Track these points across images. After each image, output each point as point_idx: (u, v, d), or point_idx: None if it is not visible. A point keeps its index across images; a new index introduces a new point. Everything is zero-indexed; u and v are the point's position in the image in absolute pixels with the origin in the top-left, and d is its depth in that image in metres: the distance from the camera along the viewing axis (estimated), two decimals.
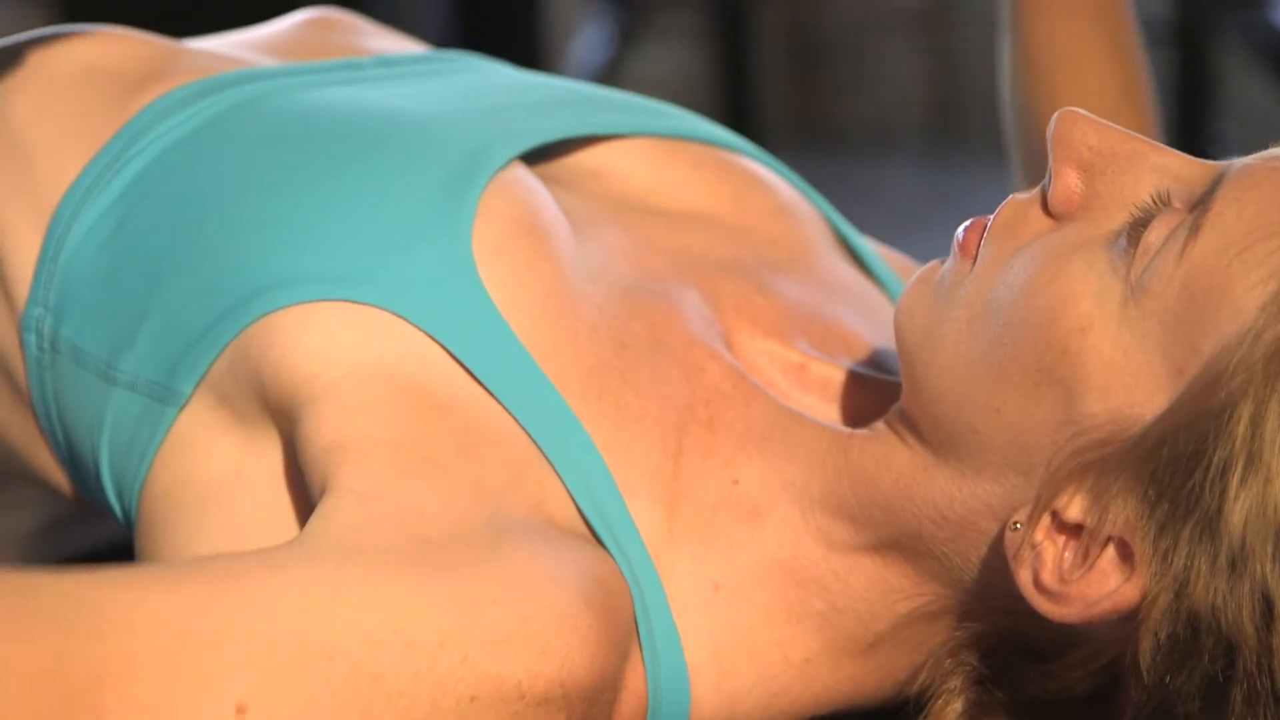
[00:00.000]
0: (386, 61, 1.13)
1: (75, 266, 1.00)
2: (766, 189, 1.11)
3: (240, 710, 0.78)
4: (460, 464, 0.89)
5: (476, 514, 0.87)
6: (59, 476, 1.06)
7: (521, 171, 1.01)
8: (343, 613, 0.81)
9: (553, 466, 0.91)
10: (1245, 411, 0.80)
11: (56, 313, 1.00)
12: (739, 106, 5.12)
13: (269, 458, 0.93)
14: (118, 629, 0.77)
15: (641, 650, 0.90)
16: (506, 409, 0.92)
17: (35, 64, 1.07)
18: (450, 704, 0.82)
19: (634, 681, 0.90)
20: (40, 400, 1.02)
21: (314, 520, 0.85)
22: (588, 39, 4.98)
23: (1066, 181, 0.89)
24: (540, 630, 0.83)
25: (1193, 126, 3.95)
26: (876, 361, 1.04)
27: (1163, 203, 0.87)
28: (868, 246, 1.15)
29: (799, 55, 5.35)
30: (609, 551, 0.90)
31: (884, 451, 0.93)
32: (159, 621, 0.78)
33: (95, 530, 1.23)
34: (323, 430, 0.89)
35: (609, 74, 4.76)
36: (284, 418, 0.92)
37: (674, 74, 5.14)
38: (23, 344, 1.02)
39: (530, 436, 0.91)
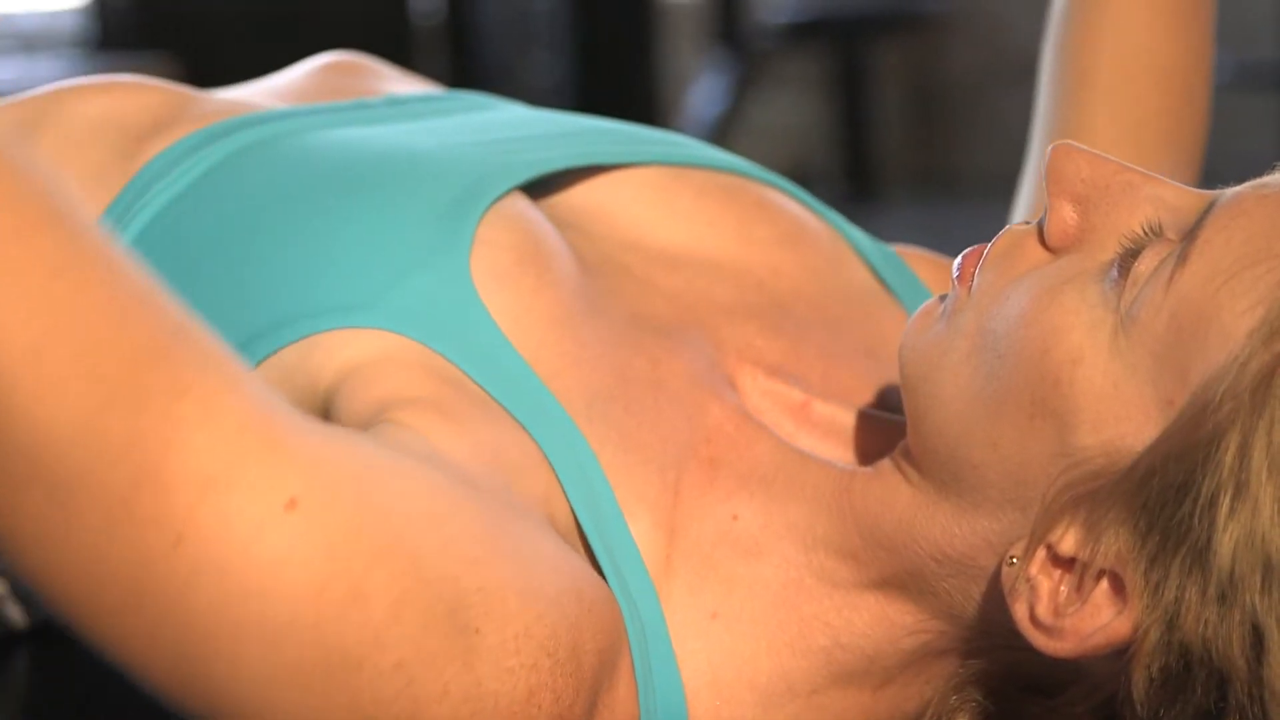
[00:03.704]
0: (396, 101, 1.14)
1: None
2: (773, 215, 1.11)
3: (291, 504, 0.75)
4: (483, 430, 0.89)
5: (493, 478, 0.87)
6: None
7: (522, 203, 1.02)
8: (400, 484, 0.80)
9: (558, 479, 0.91)
10: (1233, 441, 0.79)
11: None
12: (857, 156, 5.12)
13: None
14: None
15: (636, 675, 0.89)
16: (514, 417, 0.91)
17: (51, 118, 1.08)
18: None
19: (624, 705, 0.89)
20: None
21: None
22: (704, 90, 4.99)
23: (1061, 215, 0.89)
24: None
25: None
26: (880, 399, 1.03)
27: (1154, 233, 0.86)
28: (891, 254, 1.13)
29: (918, 105, 5.34)
30: (603, 574, 0.90)
31: (887, 490, 0.92)
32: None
33: None
34: (360, 396, 0.90)
35: (726, 124, 4.77)
36: None
37: (792, 124, 5.14)
38: None
39: (539, 445, 0.91)
